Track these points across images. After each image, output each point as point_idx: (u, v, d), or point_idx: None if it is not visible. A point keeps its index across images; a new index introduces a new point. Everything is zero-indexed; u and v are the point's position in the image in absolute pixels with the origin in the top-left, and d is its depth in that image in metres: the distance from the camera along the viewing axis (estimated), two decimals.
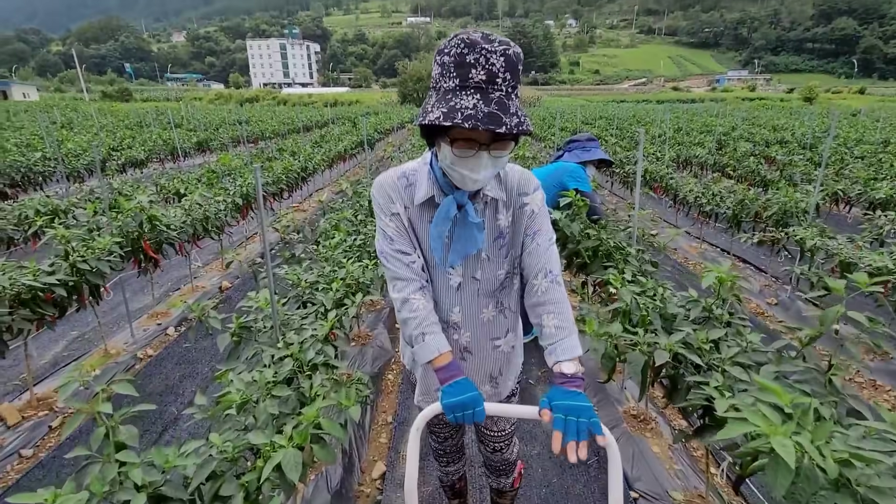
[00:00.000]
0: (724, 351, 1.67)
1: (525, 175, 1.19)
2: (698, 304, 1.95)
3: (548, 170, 3.05)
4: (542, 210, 1.19)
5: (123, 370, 3.12)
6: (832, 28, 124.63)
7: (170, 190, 5.51)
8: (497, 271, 1.21)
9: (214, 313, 1.95)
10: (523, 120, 0.95)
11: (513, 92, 0.96)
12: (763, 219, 4.09)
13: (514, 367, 1.41)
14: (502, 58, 0.93)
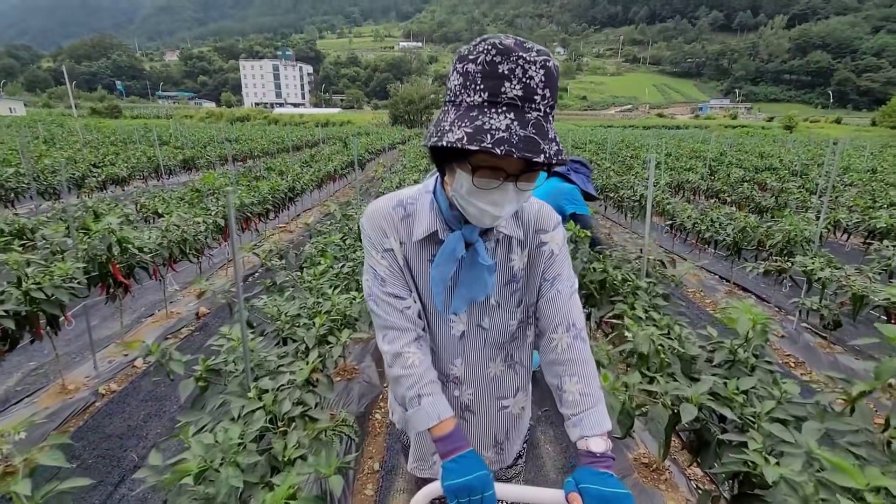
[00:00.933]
0: (758, 404, 1.47)
1: (544, 209, 1.02)
2: (723, 348, 1.76)
3: (543, 190, 2.81)
4: (563, 251, 1.02)
5: (81, 409, 2.82)
6: (808, 61, 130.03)
7: (150, 209, 5.26)
8: (508, 321, 1.02)
9: (178, 354, 1.70)
10: (561, 148, 0.77)
11: (550, 112, 0.79)
12: (766, 247, 3.97)
13: (522, 430, 1.21)
14: (542, 70, 0.76)
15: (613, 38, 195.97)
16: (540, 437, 2.69)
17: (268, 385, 1.61)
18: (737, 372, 1.76)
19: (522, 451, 1.25)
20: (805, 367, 3.51)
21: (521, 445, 1.24)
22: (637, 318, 2.15)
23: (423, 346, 0.98)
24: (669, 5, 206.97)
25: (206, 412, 1.59)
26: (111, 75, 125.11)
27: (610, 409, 1.45)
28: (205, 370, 1.71)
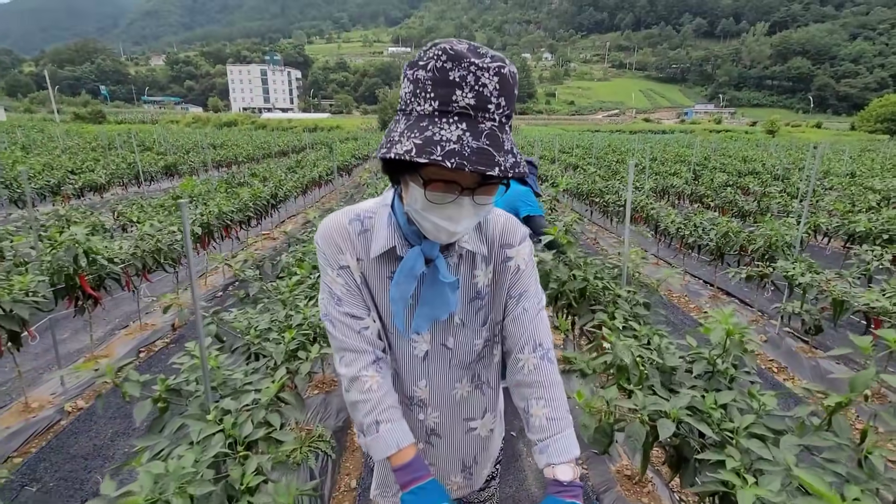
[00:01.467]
0: (737, 418, 1.43)
1: (510, 223, 0.96)
2: (702, 359, 1.72)
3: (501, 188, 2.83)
4: (529, 266, 0.96)
5: (44, 429, 2.69)
6: (788, 67, 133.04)
7: (127, 217, 5.12)
8: (474, 339, 0.97)
9: (135, 374, 1.61)
10: (519, 160, 0.72)
11: (507, 122, 0.74)
12: (748, 252, 3.98)
13: (492, 452, 1.15)
14: (496, 77, 0.71)
15: (600, 44, 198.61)
16: (522, 450, 2.63)
17: (231, 406, 1.53)
18: (716, 383, 1.72)
19: (495, 473, 1.20)
20: (788, 372, 3.51)
21: (493, 468, 1.19)
22: (616, 328, 2.11)
23: (382, 369, 0.92)
24: (654, 12, 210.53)
25: (164, 436, 1.51)
26: (95, 80, 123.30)
27: (584, 428, 1.41)
28: (164, 390, 1.63)
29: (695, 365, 1.71)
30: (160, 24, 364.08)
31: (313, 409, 2.86)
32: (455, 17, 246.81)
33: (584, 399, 1.42)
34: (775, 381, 3.37)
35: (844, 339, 3.79)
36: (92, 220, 4.81)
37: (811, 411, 1.38)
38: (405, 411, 1.02)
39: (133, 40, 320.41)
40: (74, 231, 2.71)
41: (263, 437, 1.47)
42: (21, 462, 2.46)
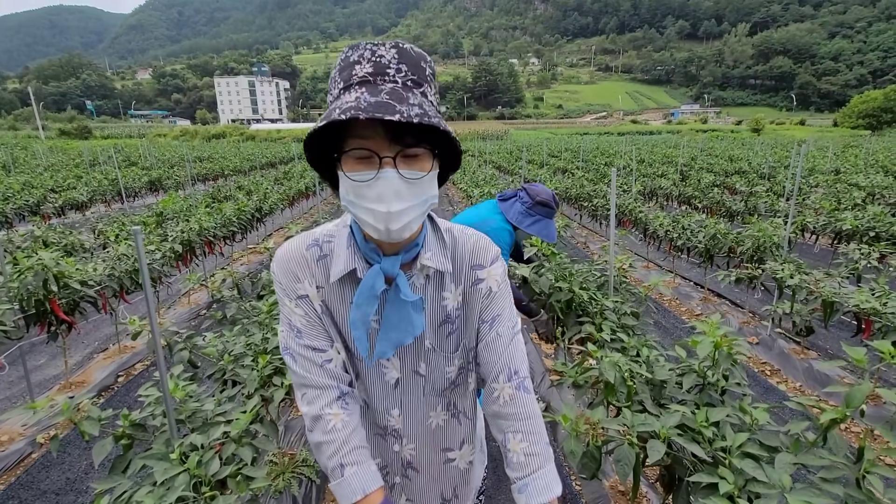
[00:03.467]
0: (730, 436, 1.37)
1: (482, 242, 0.90)
2: (691, 372, 1.67)
3: (479, 215, 2.34)
4: (502, 288, 0.90)
5: (14, 463, 2.57)
6: (770, 66, 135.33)
7: (107, 235, 5.00)
8: (446, 366, 0.91)
9: (96, 411, 1.51)
10: (429, 111, 0.69)
11: (416, 87, 0.72)
12: (737, 254, 3.96)
13: (474, 484, 1.10)
14: (393, 49, 0.72)
15: (585, 48, 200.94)
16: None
17: (199, 440, 1.44)
18: (707, 397, 1.67)
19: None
20: (781, 374, 3.48)
21: (476, 499, 1.13)
22: (603, 340, 2.05)
23: (348, 405, 0.86)
24: (637, 16, 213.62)
25: (127, 476, 1.42)
26: (81, 95, 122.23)
27: (571, 455, 1.34)
28: (128, 426, 1.53)
29: (684, 378, 1.65)
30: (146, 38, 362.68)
31: (297, 431, 2.76)
32: (441, 25, 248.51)
33: (570, 422, 1.35)
34: (769, 384, 3.32)
35: (836, 340, 3.76)
36: (70, 240, 4.68)
37: (806, 426, 1.33)
38: (380, 442, 0.97)
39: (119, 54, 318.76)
40: (42, 256, 2.60)
41: (233, 474, 1.38)
42: None
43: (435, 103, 0.76)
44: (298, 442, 2.68)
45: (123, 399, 3.27)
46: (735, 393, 1.73)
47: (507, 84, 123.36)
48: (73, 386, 3.32)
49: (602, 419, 1.40)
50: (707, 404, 1.62)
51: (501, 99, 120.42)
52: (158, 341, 1.32)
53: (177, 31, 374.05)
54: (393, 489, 1.01)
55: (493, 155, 18.09)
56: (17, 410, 1.44)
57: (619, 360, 1.61)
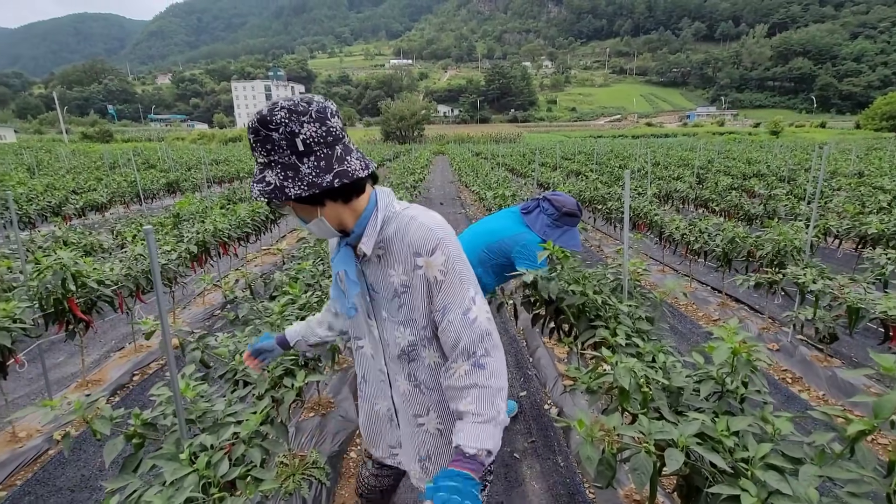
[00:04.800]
0: (752, 446, 1.32)
1: (420, 232, 1.01)
2: (709, 379, 1.61)
3: (507, 227, 2.39)
4: (449, 277, 1.01)
5: (31, 459, 2.61)
6: (790, 67, 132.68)
7: (125, 236, 5.09)
8: (395, 334, 1.11)
9: (108, 409, 1.52)
10: (266, 189, 0.97)
11: (267, 164, 0.98)
12: (756, 258, 3.86)
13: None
14: (251, 129, 0.97)
15: (600, 50, 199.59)
16: (525, 473, 2.52)
17: (208, 441, 1.44)
18: (726, 404, 1.61)
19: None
20: (803, 382, 3.37)
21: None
22: (619, 345, 2.00)
23: (328, 311, 1.38)
24: (653, 18, 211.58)
25: (137, 475, 1.42)
26: (103, 100, 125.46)
27: (588, 461, 1.30)
28: (139, 425, 1.54)
29: (702, 385, 1.60)
30: (166, 44, 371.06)
31: (308, 432, 2.76)
32: (455, 29, 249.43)
33: (585, 428, 1.32)
34: (790, 392, 3.22)
35: (861, 347, 3.64)
36: (89, 241, 4.78)
37: (832, 437, 1.27)
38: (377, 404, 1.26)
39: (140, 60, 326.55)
40: (61, 255, 2.65)
41: (242, 476, 1.37)
42: (5, 496, 2.38)
43: (263, 161, 0.98)
44: (309, 444, 2.67)
45: (138, 398, 3.31)
46: (755, 401, 1.67)
47: (520, 87, 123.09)
48: (89, 384, 3.37)
49: (618, 425, 1.36)
50: (726, 412, 1.57)
51: (514, 102, 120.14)
52: (169, 341, 1.32)
53: (196, 37, 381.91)
54: (391, 433, 1.26)
55: (506, 158, 18.03)
56: (33, 408, 1.46)
57: (635, 366, 1.56)
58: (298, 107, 0.94)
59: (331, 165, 0.96)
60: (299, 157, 0.95)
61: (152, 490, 1.30)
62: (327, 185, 0.95)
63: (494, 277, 2.58)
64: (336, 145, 0.97)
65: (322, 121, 0.95)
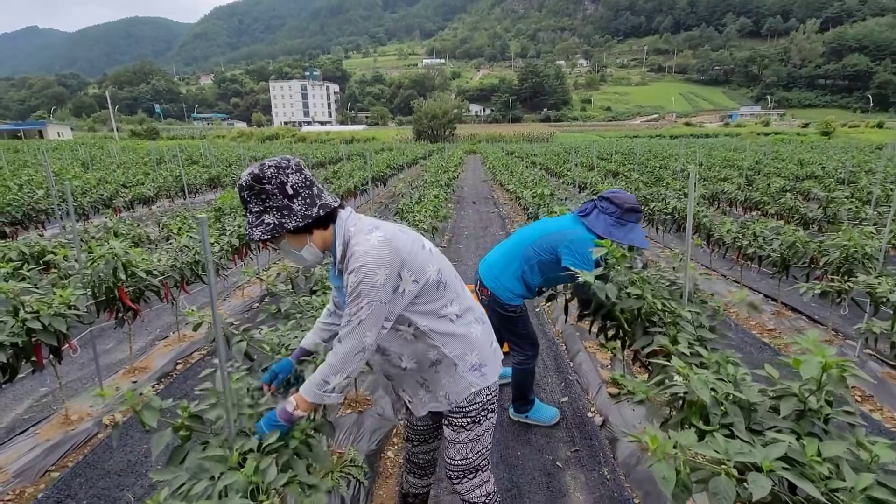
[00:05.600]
0: (849, 474, 1.17)
1: (353, 256, 1.31)
2: (790, 396, 1.46)
3: (561, 224, 2.44)
4: (358, 291, 1.29)
5: (82, 442, 2.70)
6: (843, 65, 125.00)
7: (170, 228, 5.26)
8: None
9: (156, 401, 1.51)
10: (268, 227, 1.30)
11: (246, 212, 1.34)
12: (820, 265, 3.58)
13: (440, 382, 1.50)
14: (245, 188, 1.32)
15: (637, 48, 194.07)
16: (569, 484, 2.40)
17: (255, 443, 1.39)
18: (808, 425, 1.45)
19: (465, 409, 1.52)
20: (874, 401, 3.10)
21: (451, 399, 1.51)
22: (680, 353, 1.86)
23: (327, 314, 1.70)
24: (695, 14, 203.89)
25: (184, 468, 1.40)
26: (150, 99, 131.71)
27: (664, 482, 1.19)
28: (187, 417, 1.53)
29: (783, 403, 1.45)
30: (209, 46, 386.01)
31: (345, 429, 2.73)
32: (488, 28, 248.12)
33: (659, 445, 1.20)
34: (861, 411, 2.96)
35: None
36: (138, 232, 4.95)
37: None
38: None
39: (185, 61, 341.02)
40: (113, 244, 2.72)
41: (289, 481, 1.33)
42: (58, 477, 2.46)
43: (258, 209, 1.30)
44: (346, 441, 2.64)
45: (181, 386, 3.38)
46: (841, 423, 1.50)
47: (553, 86, 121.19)
48: (136, 371, 3.47)
49: (694, 444, 1.24)
50: (809, 434, 1.42)
51: (547, 101, 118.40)
52: (220, 333, 1.30)
53: (237, 39, 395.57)
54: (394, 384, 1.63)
55: (540, 157, 17.72)
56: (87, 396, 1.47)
57: (710, 378, 1.43)
58: (281, 163, 1.29)
59: (314, 201, 1.32)
60: (290, 199, 1.29)
61: (200, 484, 1.28)
62: (315, 214, 1.30)
63: (541, 276, 2.53)
64: (313, 187, 1.33)
65: (299, 171, 1.31)
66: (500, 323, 2.58)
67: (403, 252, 1.32)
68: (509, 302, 2.52)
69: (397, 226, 1.42)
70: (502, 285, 2.51)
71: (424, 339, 1.44)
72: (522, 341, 2.70)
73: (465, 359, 1.48)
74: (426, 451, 1.80)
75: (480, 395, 1.52)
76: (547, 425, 2.86)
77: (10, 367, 2.32)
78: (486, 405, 1.55)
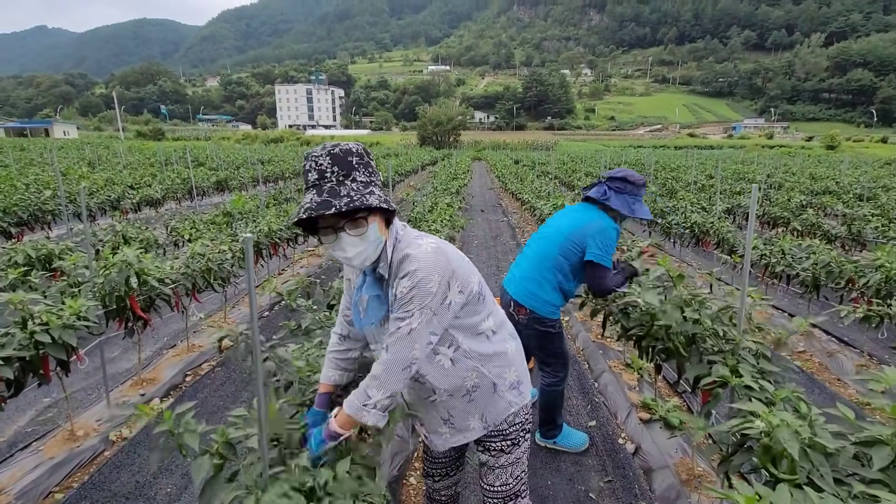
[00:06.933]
0: None
1: (407, 259, 1.24)
2: (881, 445, 1.32)
3: (578, 217, 2.41)
4: (410, 296, 1.22)
5: (88, 460, 2.55)
6: (848, 79, 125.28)
7: (179, 233, 5.14)
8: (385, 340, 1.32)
9: (192, 423, 1.37)
10: (356, 198, 1.17)
11: (346, 179, 1.20)
12: (857, 286, 3.44)
13: (476, 406, 1.42)
14: (328, 157, 1.20)
15: (642, 59, 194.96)
16: None
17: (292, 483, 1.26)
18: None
19: (505, 431, 1.45)
20: None
21: (496, 426, 1.44)
22: (742, 387, 1.73)
23: (342, 340, 1.51)
24: (699, 26, 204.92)
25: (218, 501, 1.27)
26: (156, 100, 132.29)
27: None
28: (222, 444, 1.38)
29: (874, 452, 1.31)
30: (216, 48, 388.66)
31: None
32: (494, 36, 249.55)
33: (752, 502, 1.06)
34: None
35: None
36: (146, 236, 4.83)
37: None
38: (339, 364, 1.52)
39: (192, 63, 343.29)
40: (126, 252, 2.60)
41: None
42: (62, 498, 2.31)
43: (365, 180, 1.21)
44: None
45: (191, 399, 3.24)
46: None
47: (557, 95, 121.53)
48: (144, 383, 3.33)
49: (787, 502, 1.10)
50: None
51: (551, 109, 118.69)
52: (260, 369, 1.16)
53: (244, 42, 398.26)
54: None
55: (547, 166, 17.64)
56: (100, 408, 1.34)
57: (794, 423, 1.29)
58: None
59: (386, 195, 1.27)
60: (378, 182, 1.27)
61: None
62: (391, 205, 1.24)
63: (575, 281, 2.46)
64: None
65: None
66: (539, 342, 2.46)
67: (453, 262, 1.28)
68: (550, 316, 2.41)
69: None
70: (542, 300, 2.39)
71: (463, 362, 1.37)
72: (556, 361, 2.57)
73: (503, 377, 1.43)
74: (448, 485, 1.70)
75: (519, 414, 1.47)
76: (576, 451, 2.72)
77: (16, 381, 2.19)
78: (525, 425, 1.50)
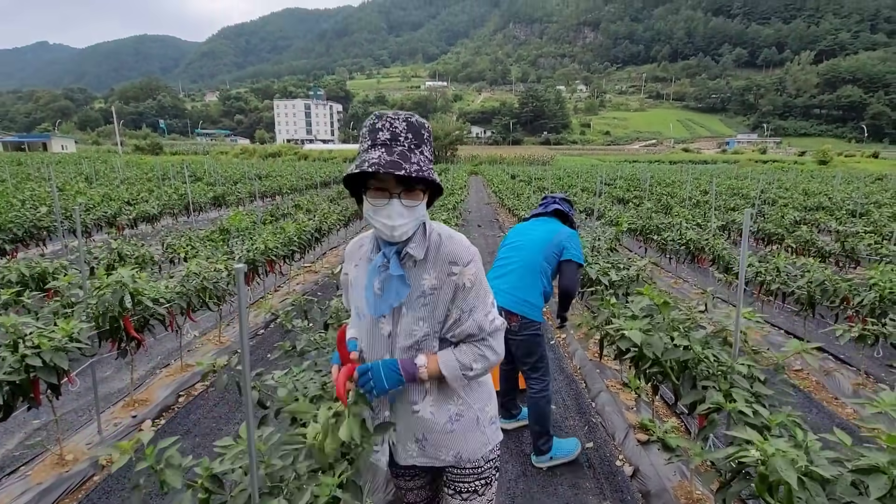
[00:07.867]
0: None
1: (461, 247, 1.22)
2: (879, 473, 1.31)
3: (549, 229, 2.71)
4: (477, 285, 1.21)
5: (77, 485, 2.50)
6: (838, 95, 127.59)
7: (175, 250, 5.12)
8: (412, 327, 1.23)
9: (177, 457, 1.36)
10: (424, 168, 1.10)
11: (416, 149, 1.13)
12: (852, 305, 3.46)
13: (454, 440, 1.31)
14: (405, 122, 1.13)
15: (636, 75, 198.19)
16: None
17: None
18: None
19: (480, 468, 1.36)
20: None
21: (463, 458, 1.32)
22: (737, 413, 1.72)
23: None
24: (692, 44, 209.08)
25: None
26: (155, 115, 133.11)
27: None
28: (206, 478, 1.36)
29: (871, 481, 1.30)
30: (216, 64, 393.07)
31: None
32: (490, 53, 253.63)
33: None
34: None
35: None
36: (142, 253, 4.82)
37: None
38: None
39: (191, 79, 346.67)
40: (121, 272, 2.59)
41: None
42: None
43: (429, 157, 1.16)
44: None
45: (184, 422, 3.19)
46: None
47: (553, 110, 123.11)
48: (136, 404, 3.28)
49: None
50: None
51: (547, 125, 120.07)
52: (250, 400, 1.15)
53: (243, 58, 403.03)
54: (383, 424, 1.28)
55: (544, 181, 17.77)
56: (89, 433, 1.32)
57: (790, 452, 1.28)
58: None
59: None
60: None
61: None
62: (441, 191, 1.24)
63: (550, 283, 2.70)
64: None
65: None
66: (529, 347, 2.60)
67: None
68: (539, 319, 2.60)
69: None
70: (532, 305, 2.56)
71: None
72: (543, 364, 2.69)
73: (485, 411, 1.35)
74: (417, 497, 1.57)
75: (494, 451, 1.40)
76: (571, 459, 2.74)
77: (5, 405, 2.15)
78: (496, 462, 1.44)
